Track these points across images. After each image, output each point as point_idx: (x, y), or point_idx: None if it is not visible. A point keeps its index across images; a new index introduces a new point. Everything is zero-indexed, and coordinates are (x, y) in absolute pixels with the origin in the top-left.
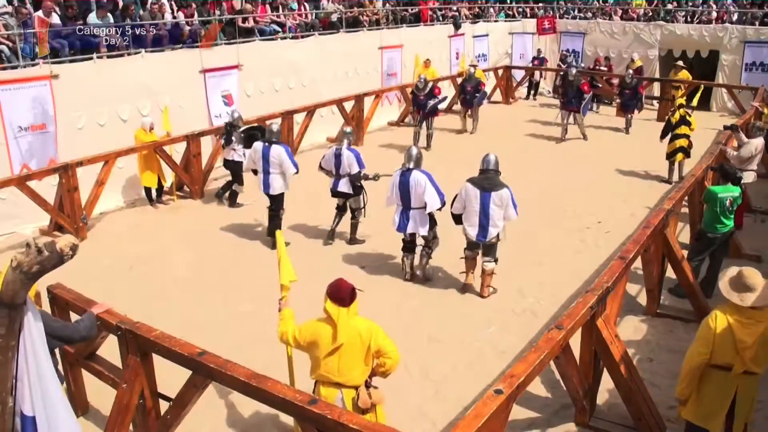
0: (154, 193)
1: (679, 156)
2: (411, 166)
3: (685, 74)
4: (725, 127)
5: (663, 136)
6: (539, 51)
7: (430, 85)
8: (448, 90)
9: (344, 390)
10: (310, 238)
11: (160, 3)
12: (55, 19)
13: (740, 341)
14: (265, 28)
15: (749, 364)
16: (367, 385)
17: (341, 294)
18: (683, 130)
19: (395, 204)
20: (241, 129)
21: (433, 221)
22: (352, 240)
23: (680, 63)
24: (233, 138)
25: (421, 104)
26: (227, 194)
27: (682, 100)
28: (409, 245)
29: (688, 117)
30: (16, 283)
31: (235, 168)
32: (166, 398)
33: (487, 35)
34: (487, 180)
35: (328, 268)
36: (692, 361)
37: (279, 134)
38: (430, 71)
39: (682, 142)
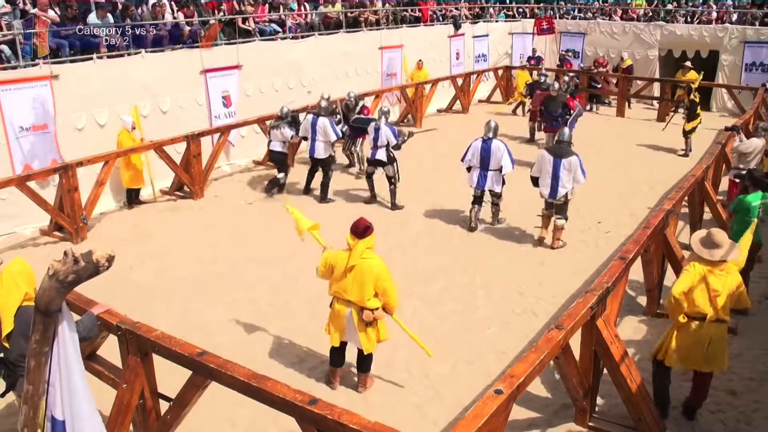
0: (142, 195)
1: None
2: (491, 135)
3: (693, 75)
4: (726, 128)
5: (692, 118)
6: (534, 51)
7: (360, 104)
8: (448, 90)
9: (353, 307)
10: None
11: (161, 3)
12: (54, 16)
13: (714, 290)
14: (265, 28)
15: (720, 312)
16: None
17: (357, 229)
18: (698, 110)
19: (473, 165)
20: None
21: (503, 181)
22: (393, 206)
23: (688, 64)
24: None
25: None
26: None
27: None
28: (478, 199)
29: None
30: (51, 290)
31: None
32: (166, 398)
33: (487, 35)
34: (560, 149)
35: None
36: (675, 300)
37: (327, 109)
38: (423, 73)
39: (699, 121)
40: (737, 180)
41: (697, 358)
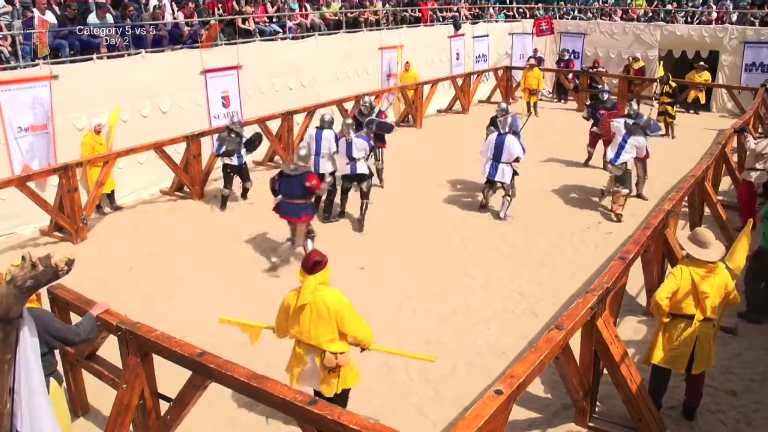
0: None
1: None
2: (507, 130)
3: (707, 75)
4: (735, 131)
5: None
6: (536, 51)
7: (376, 109)
8: (448, 91)
9: (315, 351)
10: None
11: (161, 4)
12: (51, 18)
13: (702, 292)
14: (265, 28)
15: (708, 311)
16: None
17: (306, 263)
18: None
19: (487, 157)
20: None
21: (513, 173)
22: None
23: (702, 63)
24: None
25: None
26: None
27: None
28: (490, 182)
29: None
30: (9, 297)
31: None
32: (166, 398)
33: (487, 36)
34: (635, 128)
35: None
36: (657, 303)
37: (329, 122)
38: (411, 74)
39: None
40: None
41: (685, 360)
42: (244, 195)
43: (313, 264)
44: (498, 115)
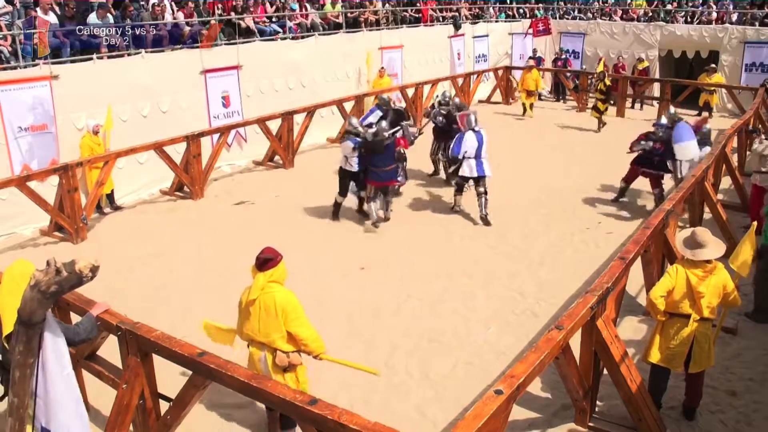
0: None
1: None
2: (477, 127)
3: (719, 77)
4: (747, 131)
5: (607, 101)
6: (535, 51)
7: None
8: (448, 91)
9: (267, 350)
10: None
11: (162, 5)
12: (52, 18)
13: (698, 292)
14: (265, 28)
15: (704, 311)
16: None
17: (257, 260)
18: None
19: (470, 156)
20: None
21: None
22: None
23: (713, 65)
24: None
25: (443, 130)
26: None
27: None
28: (460, 187)
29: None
30: (33, 301)
31: None
32: (166, 398)
33: (487, 36)
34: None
35: (322, 266)
36: (651, 302)
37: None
38: (385, 81)
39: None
40: None
41: (681, 359)
42: (360, 204)
43: (263, 261)
44: (453, 109)
